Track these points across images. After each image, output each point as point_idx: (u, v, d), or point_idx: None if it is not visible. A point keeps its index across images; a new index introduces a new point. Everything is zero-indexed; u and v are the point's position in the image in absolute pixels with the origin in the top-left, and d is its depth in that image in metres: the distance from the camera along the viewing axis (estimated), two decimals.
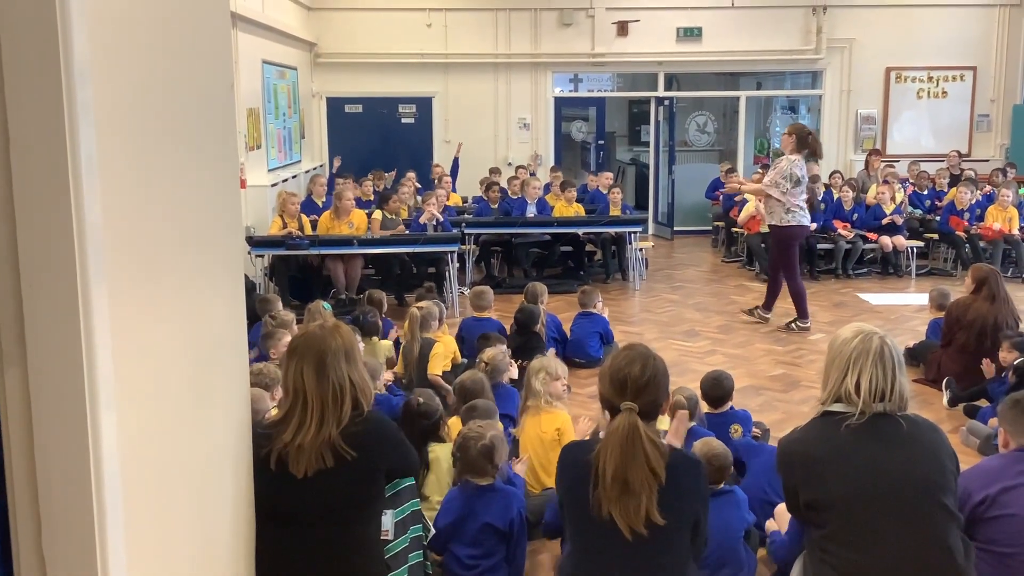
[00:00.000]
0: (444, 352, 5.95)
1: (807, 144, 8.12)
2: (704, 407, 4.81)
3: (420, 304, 6.02)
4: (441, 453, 4.16)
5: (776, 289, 8.46)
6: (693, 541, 2.73)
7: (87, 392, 1.72)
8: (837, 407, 2.88)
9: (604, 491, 2.60)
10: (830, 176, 12.05)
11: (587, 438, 4.15)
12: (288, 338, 5.55)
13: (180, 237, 2.21)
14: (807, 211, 8.38)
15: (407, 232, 9.38)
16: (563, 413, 4.61)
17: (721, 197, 12.44)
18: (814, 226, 10.61)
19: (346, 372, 2.86)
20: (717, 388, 4.81)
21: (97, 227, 1.73)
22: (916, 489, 2.78)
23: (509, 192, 11.18)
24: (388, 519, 3.11)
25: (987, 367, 5.98)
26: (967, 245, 10.56)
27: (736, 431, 4.67)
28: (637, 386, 2.67)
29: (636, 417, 2.63)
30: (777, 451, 3.07)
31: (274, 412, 3.38)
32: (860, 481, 2.78)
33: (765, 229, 10.62)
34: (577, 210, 10.80)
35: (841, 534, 2.80)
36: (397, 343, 6.39)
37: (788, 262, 8.30)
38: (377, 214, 9.58)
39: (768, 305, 8.54)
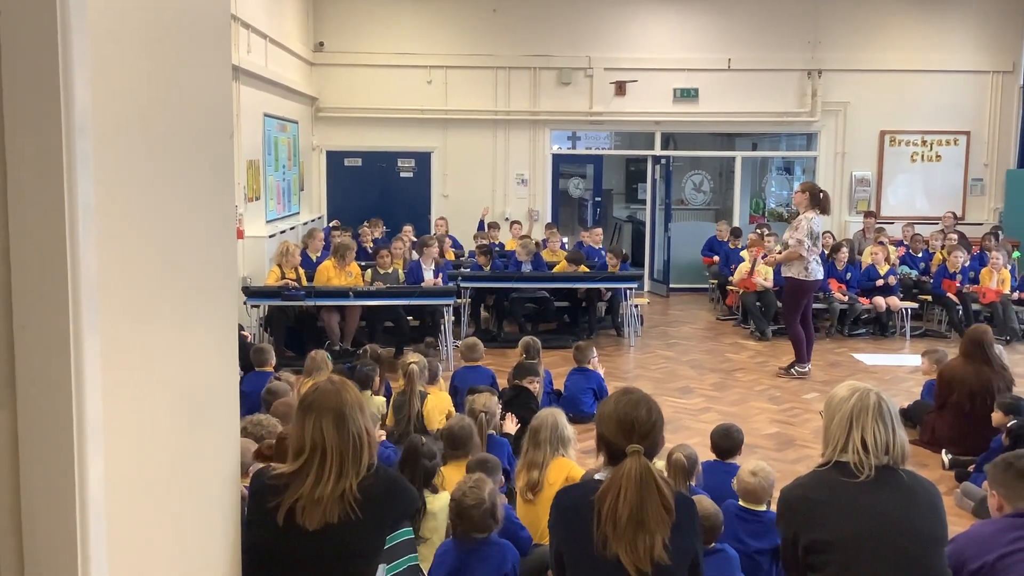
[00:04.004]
0: (439, 407, 5.95)
1: (819, 201, 8.60)
2: (711, 456, 4.99)
3: (414, 359, 6.03)
4: (435, 506, 4.11)
5: (799, 340, 8.77)
6: None
7: (75, 437, 1.72)
8: (845, 457, 2.91)
9: (614, 531, 2.64)
10: (822, 235, 12.09)
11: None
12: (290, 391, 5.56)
13: (174, 285, 2.22)
14: (821, 266, 8.83)
15: (404, 284, 9.41)
16: (569, 460, 4.58)
17: (716, 256, 12.50)
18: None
19: (363, 424, 2.88)
20: (727, 440, 4.99)
21: (92, 275, 1.74)
22: (917, 539, 2.81)
23: (506, 246, 11.19)
24: (381, 573, 3.08)
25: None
26: (959, 307, 10.60)
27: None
28: (644, 429, 2.75)
29: (646, 459, 2.70)
30: (779, 500, 3.08)
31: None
32: (862, 524, 2.80)
33: (761, 286, 10.69)
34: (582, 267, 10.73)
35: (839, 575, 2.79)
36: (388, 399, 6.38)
37: (793, 309, 8.73)
38: (368, 275, 9.62)
39: (800, 359, 8.79)
